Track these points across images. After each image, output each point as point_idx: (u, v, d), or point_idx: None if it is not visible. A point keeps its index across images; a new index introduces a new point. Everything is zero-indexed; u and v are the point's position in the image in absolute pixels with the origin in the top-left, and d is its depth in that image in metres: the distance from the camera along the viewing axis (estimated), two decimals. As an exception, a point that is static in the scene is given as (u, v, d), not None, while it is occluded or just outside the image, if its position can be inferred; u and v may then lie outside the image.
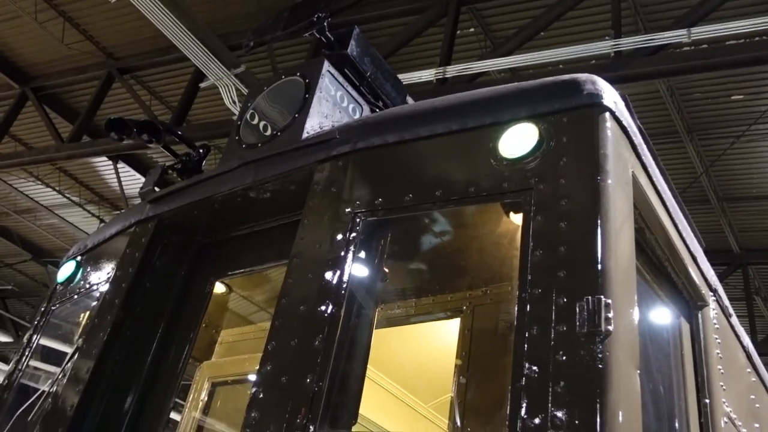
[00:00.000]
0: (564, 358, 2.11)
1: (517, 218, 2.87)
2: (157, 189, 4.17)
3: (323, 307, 2.68)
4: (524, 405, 2.11)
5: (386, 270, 3.14)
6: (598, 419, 1.96)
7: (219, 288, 4.22)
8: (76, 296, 4.14)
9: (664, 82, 10.98)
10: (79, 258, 4.31)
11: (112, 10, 11.16)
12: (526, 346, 2.22)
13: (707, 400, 3.07)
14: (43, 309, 4.36)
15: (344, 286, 2.74)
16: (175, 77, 13.09)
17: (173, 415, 4.34)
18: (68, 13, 12.30)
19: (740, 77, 10.87)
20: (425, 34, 10.98)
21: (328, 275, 2.77)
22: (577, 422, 1.99)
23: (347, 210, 2.92)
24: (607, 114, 2.61)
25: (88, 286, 4.06)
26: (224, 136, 11.99)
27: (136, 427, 3.40)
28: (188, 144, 4.61)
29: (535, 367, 2.15)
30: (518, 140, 2.67)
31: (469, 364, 3.90)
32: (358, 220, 2.87)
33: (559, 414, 2.02)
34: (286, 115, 3.78)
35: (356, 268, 2.85)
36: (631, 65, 9.33)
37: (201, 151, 4.46)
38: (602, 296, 2.16)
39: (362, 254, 2.90)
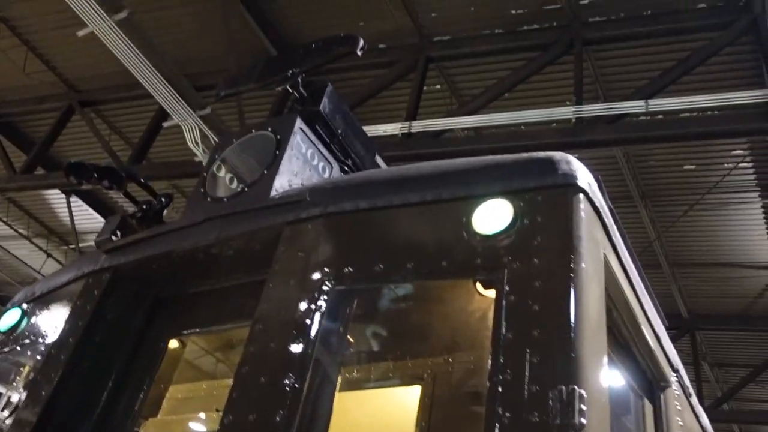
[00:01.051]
0: (535, 449, 2.06)
1: (486, 292, 2.83)
2: (114, 237, 4.02)
3: (286, 380, 2.57)
4: (493, 497, 2.03)
5: (350, 339, 3.06)
6: None
7: (173, 343, 4.05)
8: (19, 347, 3.91)
9: (621, 148, 11.31)
10: (24, 306, 4.09)
11: (78, 43, 10.99)
12: (495, 432, 2.16)
13: (669, 485, 3.04)
14: (-19, 358, 4.10)
15: (309, 357, 2.64)
16: (137, 114, 12.91)
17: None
18: (32, 42, 12.09)
19: (693, 148, 11.29)
20: (392, 88, 11.13)
21: (293, 345, 2.67)
22: None
23: (315, 277, 2.84)
24: (581, 195, 2.62)
25: (33, 336, 3.85)
26: (185, 176, 11.82)
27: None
28: (150, 191, 4.48)
29: (505, 458, 2.08)
30: (492, 216, 2.66)
31: None
32: (325, 288, 2.79)
33: None
34: (255, 170, 3.71)
35: (322, 338, 2.76)
36: (591, 132, 9.61)
37: (163, 199, 4.33)
38: (576, 386, 2.12)
39: (328, 323, 2.82)
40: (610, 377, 2.55)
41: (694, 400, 3.81)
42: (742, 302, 13.83)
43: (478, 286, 3.00)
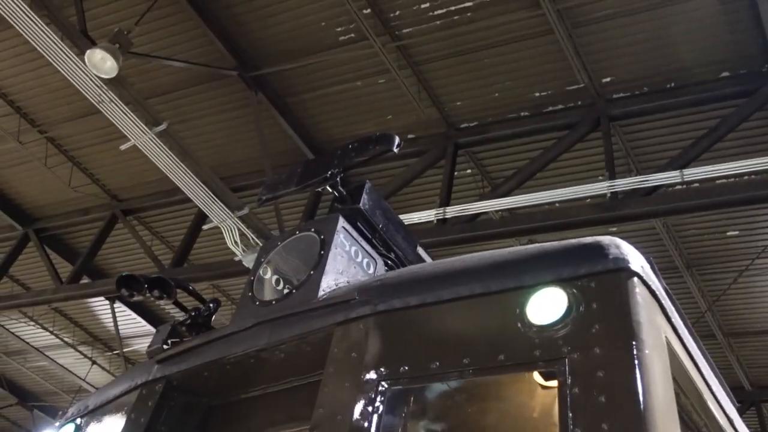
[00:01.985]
0: None
1: (544, 382, 2.75)
2: (165, 346, 4.05)
3: (349, 489, 2.50)
4: None
5: (409, 438, 2.97)
6: None
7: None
8: (74, 464, 3.89)
9: (660, 219, 11.19)
10: (79, 420, 4.10)
11: (120, 155, 11.51)
12: None
13: None
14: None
15: (370, 462, 2.57)
16: (177, 218, 13.29)
17: None
18: (77, 158, 12.69)
19: (735, 214, 11.11)
20: (424, 176, 11.32)
21: (353, 451, 2.61)
22: None
23: (370, 377, 2.81)
24: (636, 279, 2.58)
25: (87, 452, 3.83)
26: (226, 276, 11.98)
27: None
28: (198, 298, 4.53)
29: None
30: (546, 305, 2.62)
31: None
32: (382, 388, 2.75)
33: None
34: (301, 271, 3.75)
35: (381, 441, 2.69)
36: (627, 205, 9.56)
37: (211, 305, 4.38)
38: (654, 484, 2.02)
39: (387, 424, 2.76)
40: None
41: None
42: (807, 370, 13.17)
43: (538, 377, 2.93)
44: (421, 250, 4.94)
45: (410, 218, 10.34)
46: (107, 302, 14.45)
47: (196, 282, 11.67)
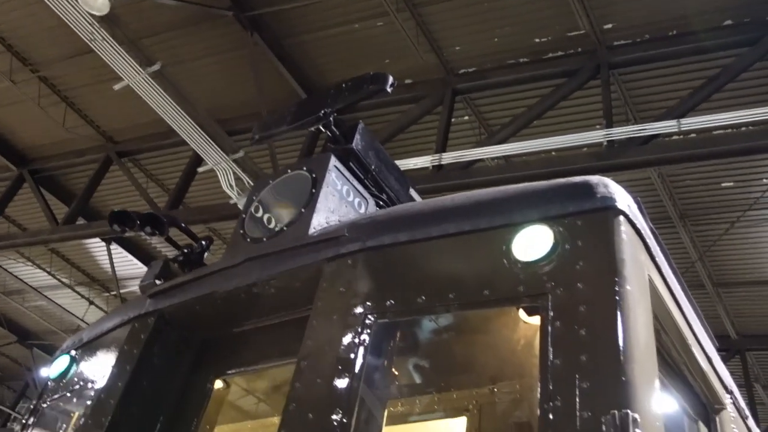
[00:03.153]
0: (592, 477, 2.02)
1: (530, 319, 2.81)
2: (157, 282, 4.10)
3: (334, 416, 2.57)
4: None
5: (395, 372, 3.05)
6: None
7: (217, 384, 4.08)
8: (68, 393, 3.98)
9: (656, 169, 11.18)
10: (73, 352, 4.18)
11: (114, 96, 11.39)
12: (549, 461, 2.12)
13: None
14: (33, 406, 4.18)
15: (355, 392, 2.64)
16: (173, 161, 13.24)
17: None
18: (71, 98, 12.55)
19: (730, 165, 11.10)
20: (421, 122, 11.24)
21: (339, 381, 2.68)
22: None
23: (358, 311, 2.86)
24: (622, 217, 2.61)
25: (82, 382, 3.92)
26: (221, 219, 12.02)
27: None
28: (190, 235, 4.56)
29: (561, 487, 2.04)
30: (532, 243, 2.65)
31: (476, 464, 3.74)
32: (368, 321, 2.81)
33: None
34: (292, 209, 3.77)
35: (367, 372, 2.76)
36: (624, 154, 9.53)
37: (203, 243, 4.41)
38: (629, 410, 2.08)
39: (373, 357, 2.82)
40: (663, 400, 2.50)
41: (751, 422, 3.68)
42: (793, 321, 13.40)
43: (522, 314, 2.98)
44: (413, 193, 4.96)
45: (406, 164, 10.31)
46: (104, 244, 14.53)
47: (191, 224, 11.66)
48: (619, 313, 2.32)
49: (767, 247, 12.28)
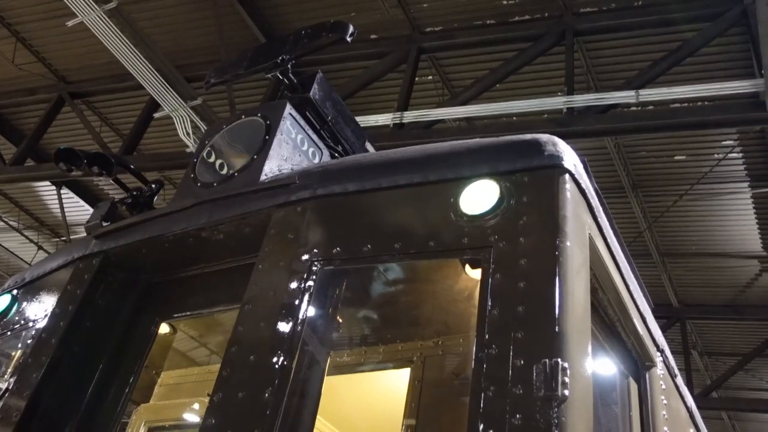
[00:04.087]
0: (520, 421, 2.09)
1: (474, 273, 2.86)
2: (104, 223, 4.03)
3: (275, 358, 2.60)
4: (478, 468, 2.06)
5: (340, 320, 3.08)
6: (553, 487, 1.94)
7: (163, 328, 4.07)
8: (9, 332, 3.92)
9: (612, 139, 11.36)
10: (15, 291, 4.10)
11: (68, 34, 10.97)
12: (481, 405, 2.19)
13: (653, 462, 3.09)
14: (-29, 344, 4.11)
15: (298, 336, 2.67)
16: (128, 105, 12.87)
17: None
18: (21, 33, 12.02)
19: (684, 139, 11.34)
20: (384, 79, 11.14)
21: (282, 325, 2.69)
22: (530, 489, 1.96)
23: (304, 258, 2.87)
24: (567, 176, 2.65)
25: (23, 322, 3.86)
26: (176, 167, 11.79)
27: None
28: (140, 178, 4.48)
29: (490, 430, 2.12)
30: (479, 197, 2.69)
31: (417, 414, 3.84)
32: (314, 268, 2.82)
33: (514, 480, 1.99)
34: (244, 155, 3.73)
35: (310, 318, 2.78)
36: (582, 122, 9.64)
37: (153, 186, 4.34)
38: (559, 359, 2.15)
39: (317, 303, 2.84)
40: (595, 354, 2.59)
41: (680, 380, 3.85)
42: (732, 292, 13.93)
43: (467, 268, 3.04)
44: (370, 147, 4.94)
45: (367, 121, 10.24)
46: (54, 188, 14.14)
47: (146, 172, 11.43)
48: (557, 267, 2.38)
49: (713, 220, 12.67)
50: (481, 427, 2.14)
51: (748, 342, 14.90)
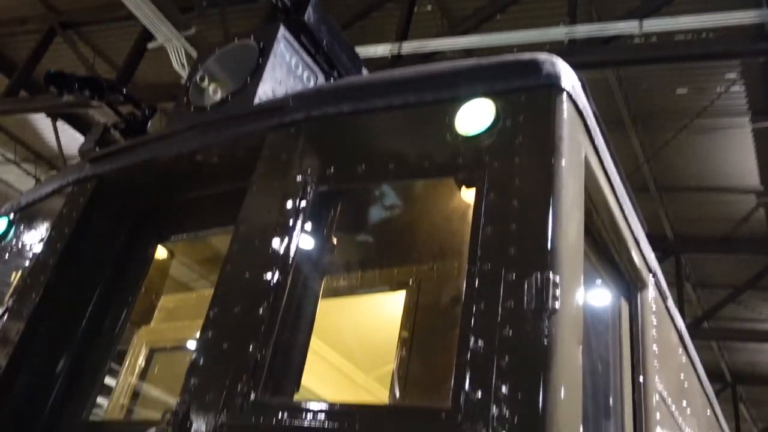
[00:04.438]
0: (510, 333, 2.13)
1: (468, 195, 2.86)
2: (98, 148, 4.01)
3: (269, 275, 2.63)
4: (468, 378, 2.12)
5: (334, 241, 3.10)
6: (541, 394, 1.99)
7: (161, 253, 4.10)
8: (6, 255, 3.95)
9: (614, 71, 11.19)
10: (11, 215, 4.11)
11: (57, -40, 10.62)
12: (473, 320, 2.23)
13: (641, 378, 3.17)
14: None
15: (292, 255, 2.69)
16: (121, 36, 12.58)
17: (108, 380, 4.22)
18: (7, -41, 11.65)
19: (686, 72, 11.17)
20: (383, 9, 10.87)
21: (276, 243, 2.71)
22: (519, 396, 2.02)
23: (298, 179, 2.86)
24: (564, 96, 2.62)
25: (20, 245, 3.88)
26: (171, 99, 11.61)
27: (69, 391, 3.29)
28: (133, 103, 4.43)
29: (480, 342, 2.16)
30: (474, 116, 2.66)
31: (412, 337, 3.91)
32: (308, 189, 2.82)
33: (503, 388, 2.04)
34: (238, 79, 3.67)
35: (304, 238, 2.80)
36: (584, 53, 9.48)
37: (147, 111, 4.29)
38: (551, 272, 2.18)
39: (311, 224, 2.86)
40: (586, 273, 2.62)
41: (671, 303, 3.92)
42: (727, 226, 14.01)
43: (462, 191, 3.03)
44: (365, 73, 4.87)
45: (365, 51, 10.04)
46: (49, 120, 14.00)
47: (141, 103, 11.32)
48: (551, 185, 2.38)
49: (712, 155, 12.62)
50: (472, 339, 2.18)
51: (740, 275, 15.09)
